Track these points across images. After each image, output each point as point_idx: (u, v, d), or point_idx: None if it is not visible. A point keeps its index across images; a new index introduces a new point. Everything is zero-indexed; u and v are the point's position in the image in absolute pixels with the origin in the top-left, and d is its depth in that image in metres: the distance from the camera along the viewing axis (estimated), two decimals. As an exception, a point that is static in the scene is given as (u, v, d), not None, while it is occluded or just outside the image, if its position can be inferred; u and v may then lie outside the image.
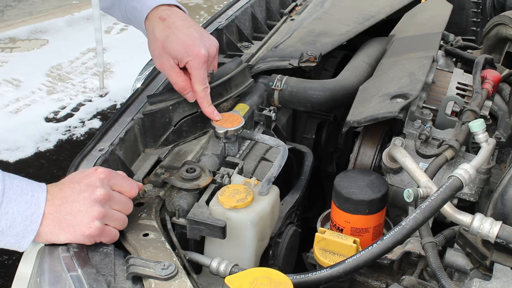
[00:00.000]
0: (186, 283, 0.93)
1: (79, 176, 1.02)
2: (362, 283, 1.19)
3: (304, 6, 2.01)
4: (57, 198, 0.98)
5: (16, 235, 0.96)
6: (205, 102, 1.31)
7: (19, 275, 1.05)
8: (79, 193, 0.99)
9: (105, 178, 1.01)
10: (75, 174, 1.04)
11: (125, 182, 1.06)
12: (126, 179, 1.07)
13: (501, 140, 1.42)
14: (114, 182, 1.03)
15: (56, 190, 1.00)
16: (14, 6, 5.66)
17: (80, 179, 1.01)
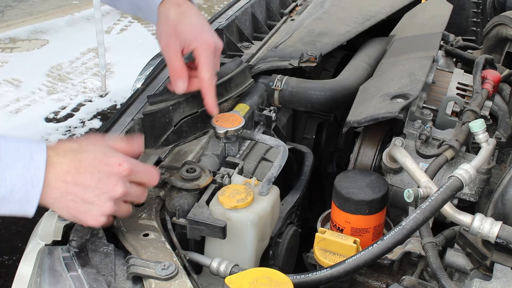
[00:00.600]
0: (186, 283, 0.94)
1: (101, 163, 0.97)
2: (362, 283, 1.19)
3: (304, 6, 2.01)
4: (71, 175, 0.95)
5: (19, 200, 0.92)
6: (210, 92, 1.26)
7: (19, 275, 1.05)
8: (97, 183, 0.96)
9: (127, 175, 0.99)
10: (96, 157, 0.97)
11: (146, 176, 1.04)
12: (147, 172, 1.05)
13: (501, 140, 1.42)
14: (134, 176, 1.01)
15: (71, 164, 0.95)
16: (14, 6, 5.66)
17: (102, 167, 0.97)
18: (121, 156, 0.99)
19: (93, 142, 1.01)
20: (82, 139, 1.02)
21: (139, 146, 1.09)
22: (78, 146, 0.98)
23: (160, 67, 1.47)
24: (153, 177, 1.05)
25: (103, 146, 1.00)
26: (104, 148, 1.00)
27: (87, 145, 0.99)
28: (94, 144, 1.00)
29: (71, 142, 0.98)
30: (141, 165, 1.05)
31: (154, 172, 1.06)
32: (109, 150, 1.00)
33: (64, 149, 0.96)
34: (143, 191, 1.05)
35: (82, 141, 1.00)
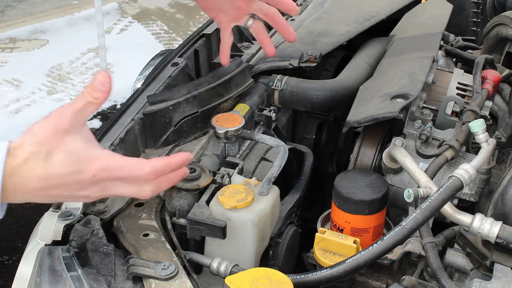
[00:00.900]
0: (186, 283, 0.94)
1: (72, 178, 0.85)
2: (362, 283, 1.19)
3: (304, 6, 2.01)
4: (39, 191, 0.84)
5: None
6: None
7: (19, 275, 1.05)
8: (70, 193, 0.87)
9: (105, 180, 0.88)
10: (67, 172, 0.84)
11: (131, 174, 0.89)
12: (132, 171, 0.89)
13: (501, 140, 1.42)
14: (116, 177, 0.89)
15: (36, 184, 0.83)
16: (14, 6, 5.66)
17: (74, 184, 0.86)
18: (98, 162, 0.86)
19: (63, 135, 0.85)
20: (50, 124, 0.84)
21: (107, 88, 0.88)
22: (46, 152, 0.83)
23: (160, 67, 1.47)
24: (144, 175, 0.90)
25: (76, 144, 0.85)
26: (77, 148, 0.86)
27: (55, 147, 0.84)
28: (65, 144, 0.84)
29: (36, 139, 0.83)
30: (125, 166, 0.89)
31: (146, 169, 0.90)
32: (83, 151, 0.86)
33: (27, 157, 0.82)
34: (139, 188, 0.92)
35: (49, 137, 0.83)
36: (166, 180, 0.94)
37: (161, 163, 0.92)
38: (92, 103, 0.87)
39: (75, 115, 0.86)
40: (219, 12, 1.32)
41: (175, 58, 1.50)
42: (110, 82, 0.87)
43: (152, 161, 0.91)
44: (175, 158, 0.95)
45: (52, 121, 0.85)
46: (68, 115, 0.85)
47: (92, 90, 0.86)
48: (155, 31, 5.33)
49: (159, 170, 0.91)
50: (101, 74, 0.87)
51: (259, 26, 1.36)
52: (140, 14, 5.61)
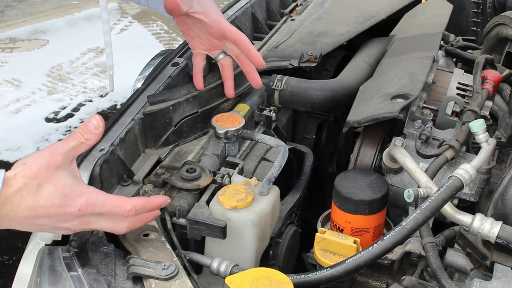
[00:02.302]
0: (186, 283, 0.94)
1: (59, 210, 0.91)
2: (363, 283, 1.19)
3: (304, 6, 2.01)
4: (26, 220, 0.90)
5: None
6: None
7: (19, 275, 1.05)
8: (54, 223, 0.93)
9: (89, 214, 0.94)
10: (54, 204, 0.90)
11: (114, 211, 0.96)
12: (115, 208, 0.96)
13: (502, 140, 1.42)
14: (101, 212, 0.96)
15: (25, 212, 0.89)
16: (14, 6, 5.66)
17: (60, 216, 0.92)
18: (84, 197, 0.93)
19: (54, 170, 0.91)
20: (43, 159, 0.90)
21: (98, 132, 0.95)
22: (37, 184, 0.89)
23: (160, 67, 1.47)
24: (125, 212, 0.97)
25: (65, 179, 0.92)
26: (66, 183, 0.92)
27: (46, 181, 0.90)
28: (55, 179, 0.90)
29: (29, 172, 0.89)
30: (108, 202, 0.95)
31: (127, 206, 0.97)
32: (71, 186, 0.92)
33: (20, 187, 0.88)
34: (116, 224, 0.98)
35: (41, 171, 0.89)
36: (140, 220, 1.02)
37: (141, 202, 1.00)
38: (84, 144, 0.95)
39: (67, 152, 0.93)
40: (194, 38, 1.39)
41: (175, 58, 1.50)
42: (103, 126, 0.95)
43: (133, 200, 0.99)
44: (153, 200, 1.04)
45: (45, 156, 0.91)
46: (60, 152, 0.92)
47: (85, 132, 0.94)
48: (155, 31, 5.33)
49: (139, 208, 0.99)
50: (95, 119, 0.95)
51: (227, 63, 1.38)
52: (140, 14, 5.61)
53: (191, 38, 1.39)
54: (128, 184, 1.18)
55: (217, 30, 1.33)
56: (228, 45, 1.37)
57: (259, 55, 1.34)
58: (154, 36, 5.22)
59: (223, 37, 1.35)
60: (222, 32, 1.33)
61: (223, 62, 1.38)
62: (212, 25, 1.33)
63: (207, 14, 1.32)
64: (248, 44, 1.33)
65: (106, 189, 1.15)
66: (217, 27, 1.33)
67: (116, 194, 1.01)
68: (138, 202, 0.99)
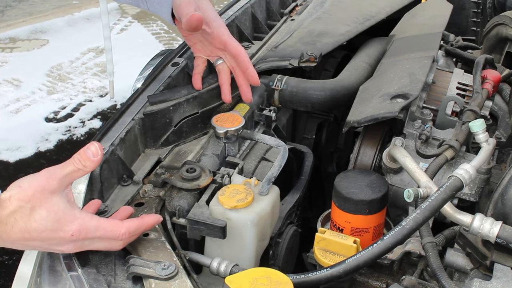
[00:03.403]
0: (186, 283, 0.94)
1: (52, 235, 0.92)
2: (362, 283, 1.19)
3: (304, 6, 2.01)
4: (19, 242, 0.91)
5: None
6: None
7: (19, 275, 1.05)
8: (48, 246, 0.94)
9: (82, 239, 0.94)
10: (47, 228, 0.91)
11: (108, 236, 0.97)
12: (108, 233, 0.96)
13: (501, 140, 1.42)
14: (94, 237, 0.96)
15: (18, 234, 0.90)
16: (14, 6, 5.66)
17: (53, 240, 0.92)
18: (77, 222, 0.93)
19: (49, 194, 0.91)
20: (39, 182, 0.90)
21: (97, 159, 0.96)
22: (31, 208, 0.89)
23: (160, 67, 1.47)
24: (119, 236, 0.97)
25: (59, 204, 0.92)
26: (60, 208, 0.92)
27: (39, 205, 0.90)
28: (49, 203, 0.91)
29: (23, 195, 0.89)
30: (101, 228, 0.95)
31: (121, 230, 0.97)
32: (65, 212, 0.92)
33: (14, 210, 0.89)
34: (111, 244, 0.98)
35: (36, 194, 0.89)
36: (133, 237, 1.02)
37: (134, 225, 1.00)
38: (81, 170, 0.95)
39: (63, 178, 0.93)
40: (196, 43, 1.40)
41: (175, 58, 1.50)
42: (102, 154, 0.96)
43: (126, 223, 0.99)
44: (146, 220, 1.03)
45: (41, 180, 0.92)
46: (57, 177, 0.93)
47: (83, 159, 0.95)
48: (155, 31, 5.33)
49: (132, 231, 0.99)
50: (94, 146, 0.95)
51: (225, 68, 1.40)
52: (140, 14, 5.61)
53: (193, 43, 1.41)
54: (128, 184, 1.18)
55: (218, 42, 1.35)
56: (227, 56, 1.39)
57: (255, 74, 1.37)
58: (154, 36, 5.22)
59: (224, 49, 1.37)
60: (223, 44, 1.36)
61: (220, 67, 1.40)
62: (214, 36, 1.35)
63: (210, 25, 1.33)
64: (247, 62, 1.36)
65: (106, 189, 1.15)
66: (219, 38, 1.35)
67: (108, 219, 0.99)
68: (131, 225, 0.99)
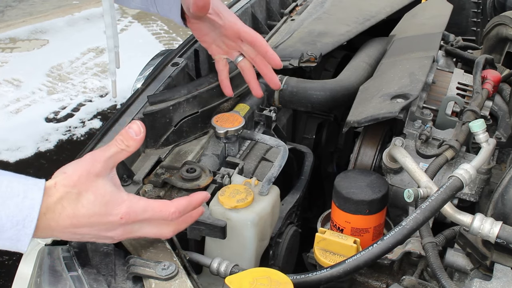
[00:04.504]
0: (186, 283, 0.94)
1: (100, 219, 0.90)
2: (363, 283, 1.19)
3: (304, 6, 2.01)
4: (68, 229, 0.89)
5: (9, 238, 0.88)
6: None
7: (19, 275, 1.05)
8: (97, 232, 0.91)
9: (131, 222, 0.92)
10: (95, 213, 0.89)
11: (157, 215, 0.94)
12: (157, 213, 0.94)
13: (502, 140, 1.42)
14: (143, 219, 0.94)
15: (67, 221, 0.88)
16: (14, 6, 5.66)
17: (102, 224, 0.90)
18: (125, 205, 0.91)
19: (94, 178, 0.89)
20: (83, 167, 0.89)
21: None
22: (77, 193, 0.88)
23: (160, 67, 1.47)
24: (169, 216, 0.94)
25: (105, 187, 0.90)
26: (107, 191, 0.90)
27: (86, 189, 0.88)
28: (95, 187, 0.89)
29: (69, 180, 0.88)
30: (150, 208, 0.93)
31: (170, 209, 0.94)
32: (112, 194, 0.91)
33: (61, 196, 0.87)
34: (161, 229, 0.96)
35: (81, 179, 0.88)
36: (184, 221, 1.00)
37: (183, 203, 0.97)
38: (124, 151, 0.92)
39: (107, 160, 0.91)
40: (211, 44, 1.37)
41: (175, 58, 1.50)
42: (144, 132, 0.93)
43: (175, 202, 0.96)
44: (196, 197, 1.00)
45: (85, 164, 0.90)
46: (101, 159, 0.91)
47: (126, 139, 0.92)
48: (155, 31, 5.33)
49: (182, 209, 0.96)
50: (136, 124, 0.92)
51: (247, 65, 1.37)
52: (140, 14, 5.61)
53: (209, 44, 1.38)
54: (128, 184, 1.18)
55: (232, 32, 1.32)
56: (244, 47, 1.35)
57: (276, 56, 1.33)
58: (154, 36, 5.22)
59: (239, 38, 1.33)
60: (237, 34, 1.32)
61: (242, 64, 1.37)
62: (227, 27, 1.32)
63: (221, 16, 1.31)
64: (265, 45, 1.32)
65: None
66: (231, 29, 1.32)
67: (157, 199, 0.97)
68: (180, 203, 0.96)
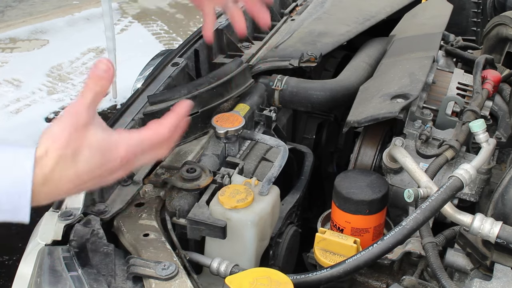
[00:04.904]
0: (186, 283, 0.94)
1: (100, 169, 0.88)
2: (363, 283, 1.19)
3: (305, 6, 2.01)
4: (69, 188, 0.86)
5: (8, 211, 0.84)
6: None
7: (20, 275, 1.05)
8: (99, 181, 0.89)
9: (132, 162, 0.90)
10: (94, 165, 0.86)
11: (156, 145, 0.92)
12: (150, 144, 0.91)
13: (502, 140, 1.42)
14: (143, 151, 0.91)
15: (65, 182, 0.85)
16: (14, 6, 5.66)
17: (103, 172, 0.88)
18: (121, 147, 0.88)
19: (84, 129, 0.85)
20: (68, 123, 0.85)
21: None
22: (72, 153, 0.85)
23: (160, 67, 1.47)
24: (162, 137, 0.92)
25: (96, 136, 0.87)
26: (99, 140, 0.87)
27: (79, 145, 0.85)
28: (88, 139, 0.86)
29: (60, 142, 0.84)
30: (145, 139, 0.91)
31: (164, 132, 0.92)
32: (105, 141, 0.88)
33: (56, 162, 0.84)
34: (157, 153, 0.94)
35: (71, 136, 0.85)
36: (176, 134, 0.96)
37: (173, 119, 0.94)
38: (100, 92, 0.88)
39: (89, 108, 0.87)
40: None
41: (175, 58, 1.50)
42: (112, 68, 0.88)
43: (165, 122, 0.93)
44: (179, 107, 0.96)
45: (69, 120, 0.86)
46: (83, 110, 0.86)
47: (98, 80, 0.87)
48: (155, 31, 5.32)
49: (174, 126, 0.93)
50: (102, 62, 0.87)
51: (236, 6, 1.30)
52: (140, 14, 5.61)
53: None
54: (128, 184, 1.18)
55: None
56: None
57: (264, 12, 1.27)
58: (154, 36, 5.21)
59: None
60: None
61: (231, 6, 1.30)
62: None
63: None
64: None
65: (106, 189, 1.15)
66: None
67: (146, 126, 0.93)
68: (170, 121, 0.93)
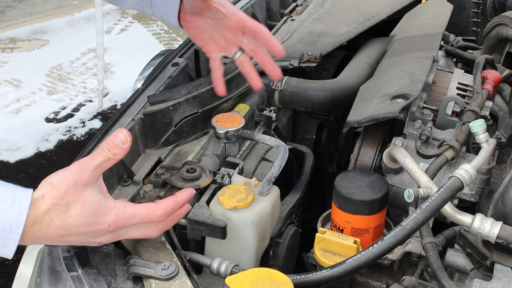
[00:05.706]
0: (186, 283, 0.94)
1: (88, 228, 0.91)
2: (363, 284, 1.19)
3: (305, 7, 2.01)
4: (56, 238, 0.90)
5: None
6: None
7: (20, 275, 1.05)
8: (85, 239, 0.93)
9: (119, 228, 0.93)
10: (83, 223, 0.90)
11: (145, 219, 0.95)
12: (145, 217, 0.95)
13: (502, 141, 1.42)
14: (131, 224, 0.95)
15: (54, 232, 0.89)
16: (14, 6, 5.66)
17: (90, 233, 0.91)
18: (113, 213, 0.92)
19: (82, 188, 0.89)
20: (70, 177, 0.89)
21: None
22: (65, 204, 0.88)
23: (160, 67, 1.47)
24: (156, 219, 0.95)
25: (92, 197, 0.90)
26: (94, 201, 0.90)
27: (74, 200, 0.89)
28: (83, 197, 0.89)
29: (57, 192, 0.88)
30: (137, 214, 0.94)
31: (157, 213, 0.95)
32: (99, 204, 0.91)
33: (48, 208, 0.87)
34: (147, 231, 0.98)
35: (69, 190, 0.88)
36: (171, 220, 1.01)
37: (169, 204, 0.97)
38: (111, 159, 0.92)
39: (95, 169, 0.91)
40: (208, 42, 1.32)
41: (175, 58, 1.50)
42: (131, 141, 0.92)
43: (161, 204, 0.97)
44: (180, 196, 1.00)
45: (73, 175, 0.90)
46: (88, 169, 0.91)
47: (112, 147, 0.91)
48: (155, 31, 5.33)
49: (169, 210, 0.97)
50: (122, 133, 0.91)
51: (246, 59, 1.33)
52: (140, 14, 5.61)
53: (205, 42, 1.33)
54: (128, 184, 1.18)
55: (235, 22, 1.28)
56: (244, 39, 1.31)
57: (278, 44, 1.30)
58: (154, 36, 5.22)
59: (241, 28, 1.29)
60: (241, 23, 1.29)
61: (241, 58, 1.33)
62: (230, 17, 1.28)
63: (225, 6, 1.29)
64: (268, 33, 1.29)
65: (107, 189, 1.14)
66: (235, 18, 1.28)
67: (143, 203, 0.98)
68: (167, 205, 0.96)
